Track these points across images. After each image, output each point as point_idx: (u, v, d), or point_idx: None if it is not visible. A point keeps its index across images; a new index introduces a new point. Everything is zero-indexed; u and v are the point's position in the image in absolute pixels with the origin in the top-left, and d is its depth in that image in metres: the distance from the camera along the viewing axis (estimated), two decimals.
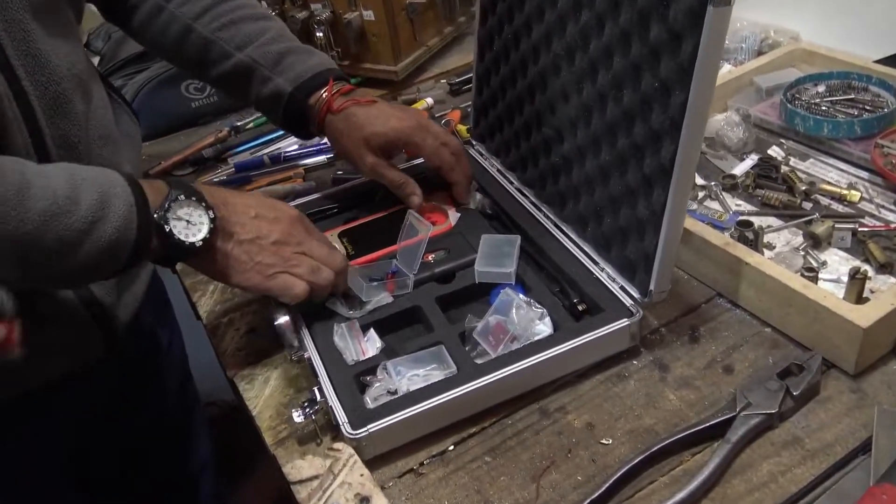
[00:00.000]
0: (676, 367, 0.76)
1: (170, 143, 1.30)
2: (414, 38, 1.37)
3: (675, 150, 0.68)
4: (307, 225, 0.78)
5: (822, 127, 0.97)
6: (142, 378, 1.02)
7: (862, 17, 1.12)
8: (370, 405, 0.71)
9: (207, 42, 0.88)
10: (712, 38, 0.62)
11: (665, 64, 0.68)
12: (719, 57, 0.65)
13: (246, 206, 0.74)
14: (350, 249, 0.89)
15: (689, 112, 0.66)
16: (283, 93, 0.88)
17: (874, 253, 0.81)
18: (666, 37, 0.67)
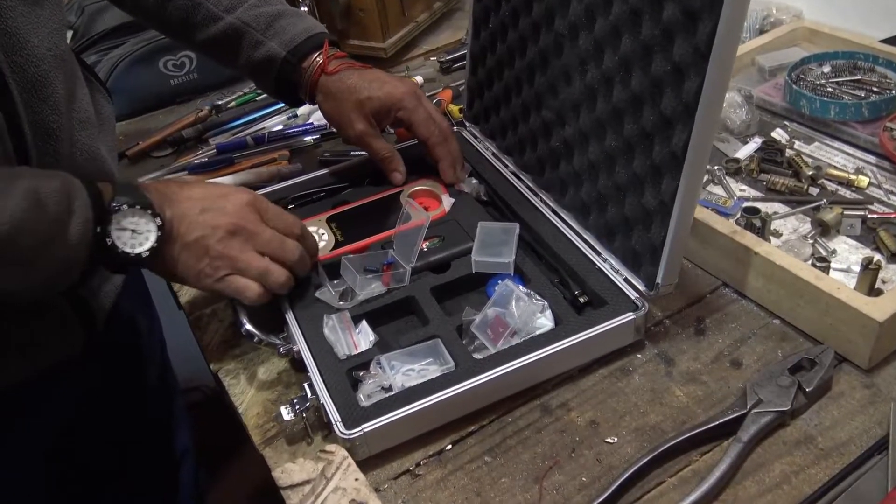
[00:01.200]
0: (682, 361, 0.73)
1: (147, 122, 1.25)
2: (402, 14, 1.31)
3: (688, 138, 0.65)
4: (262, 208, 0.73)
5: (829, 109, 0.94)
6: (123, 368, 0.98)
7: None
8: (364, 402, 0.67)
9: (193, 4, 0.85)
10: (732, 20, 0.59)
11: (679, 46, 0.64)
12: (738, 41, 0.61)
13: (192, 201, 0.69)
14: (339, 236, 0.85)
15: (704, 98, 0.63)
16: (276, 57, 0.86)
17: (885, 241, 0.78)
18: (681, 17, 0.63)
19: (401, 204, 0.87)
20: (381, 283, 0.79)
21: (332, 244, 0.84)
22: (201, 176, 1.06)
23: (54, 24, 0.68)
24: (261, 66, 0.87)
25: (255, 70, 0.89)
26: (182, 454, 1.15)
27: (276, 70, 0.87)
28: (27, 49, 0.63)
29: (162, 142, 1.16)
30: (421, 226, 0.83)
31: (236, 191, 0.73)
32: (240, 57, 0.88)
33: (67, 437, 0.89)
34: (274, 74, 0.87)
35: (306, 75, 0.87)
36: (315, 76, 0.87)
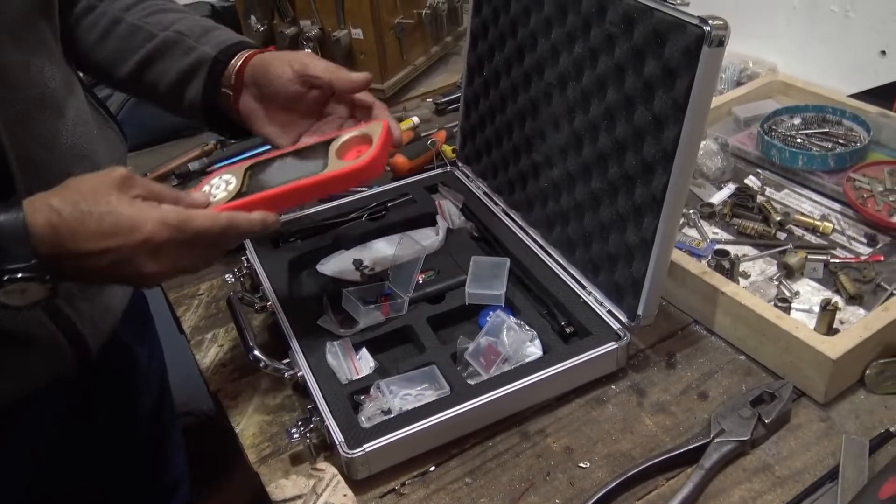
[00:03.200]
0: (653, 393, 0.78)
1: (155, 154, 1.30)
2: (401, 57, 1.38)
3: (667, 181, 0.71)
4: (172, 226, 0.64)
5: (797, 159, 1.00)
6: (115, 396, 0.99)
7: (838, 52, 1.16)
8: (365, 424, 0.72)
9: (134, 28, 0.84)
10: (706, 76, 0.65)
11: (659, 98, 0.70)
12: (712, 94, 0.68)
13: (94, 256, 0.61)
14: (244, 186, 0.73)
15: (682, 145, 0.69)
16: (206, 57, 0.82)
17: (845, 285, 0.84)
18: (660, 73, 0.70)
19: (325, 153, 0.74)
20: (380, 312, 0.84)
21: (233, 195, 0.72)
22: None
23: (44, 61, 0.71)
24: (191, 70, 0.83)
25: (184, 77, 0.83)
26: (175, 483, 1.16)
27: (205, 71, 0.82)
28: (13, 85, 0.66)
29: (169, 173, 1.22)
30: (418, 259, 0.89)
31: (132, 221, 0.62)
32: (170, 69, 0.83)
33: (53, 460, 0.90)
34: (203, 76, 0.82)
35: (235, 65, 0.81)
36: (246, 60, 0.82)
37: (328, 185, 0.72)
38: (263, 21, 1.37)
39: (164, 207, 0.63)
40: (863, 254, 0.90)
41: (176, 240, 0.62)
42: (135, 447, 1.07)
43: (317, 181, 0.71)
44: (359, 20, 1.29)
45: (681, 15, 0.65)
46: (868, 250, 0.90)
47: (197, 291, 0.98)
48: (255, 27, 1.38)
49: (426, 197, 1.03)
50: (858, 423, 0.72)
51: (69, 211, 0.59)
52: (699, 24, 0.63)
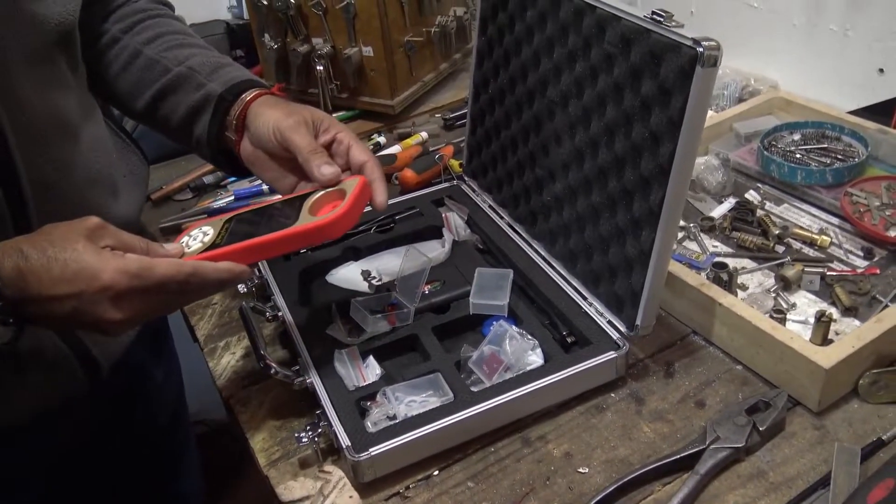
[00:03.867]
0: (652, 401, 0.80)
1: (171, 168, 1.34)
2: (410, 74, 1.42)
3: (664, 196, 0.73)
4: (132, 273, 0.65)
5: (796, 174, 1.03)
6: (129, 414, 1.01)
7: (837, 70, 1.18)
8: (371, 429, 0.74)
9: (152, 62, 0.87)
10: (700, 95, 0.68)
11: (655, 116, 0.73)
12: (706, 112, 0.71)
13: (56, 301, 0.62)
14: (219, 238, 0.74)
15: (677, 161, 0.71)
16: (213, 94, 0.84)
17: (840, 297, 0.86)
18: (657, 91, 0.72)
19: (299, 207, 0.75)
20: (387, 322, 0.86)
21: (206, 247, 0.72)
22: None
23: (62, 90, 0.75)
24: (199, 106, 0.85)
25: (193, 112, 0.85)
26: (188, 498, 1.18)
27: (211, 107, 0.84)
28: (30, 110, 0.69)
29: (184, 187, 1.26)
30: (424, 270, 0.91)
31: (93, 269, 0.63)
32: (181, 103, 0.85)
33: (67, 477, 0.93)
34: (209, 112, 0.84)
35: (238, 108, 0.83)
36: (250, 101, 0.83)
37: (294, 240, 0.72)
38: (277, 39, 1.41)
39: (128, 256, 0.64)
40: (859, 267, 0.92)
41: (137, 287, 0.63)
42: (149, 464, 1.08)
43: (283, 236, 0.71)
44: (369, 38, 1.33)
45: (675, 36, 0.68)
46: (865, 263, 0.92)
47: (211, 301, 1.02)
48: (268, 45, 1.42)
49: (433, 210, 1.06)
50: (852, 432, 0.74)
51: (37, 256, 0.61)
52: (693, 45, 0.66)
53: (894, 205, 0.96)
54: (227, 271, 0.69)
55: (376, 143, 1.32)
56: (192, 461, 1.20)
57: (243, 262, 0.71)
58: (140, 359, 0.99)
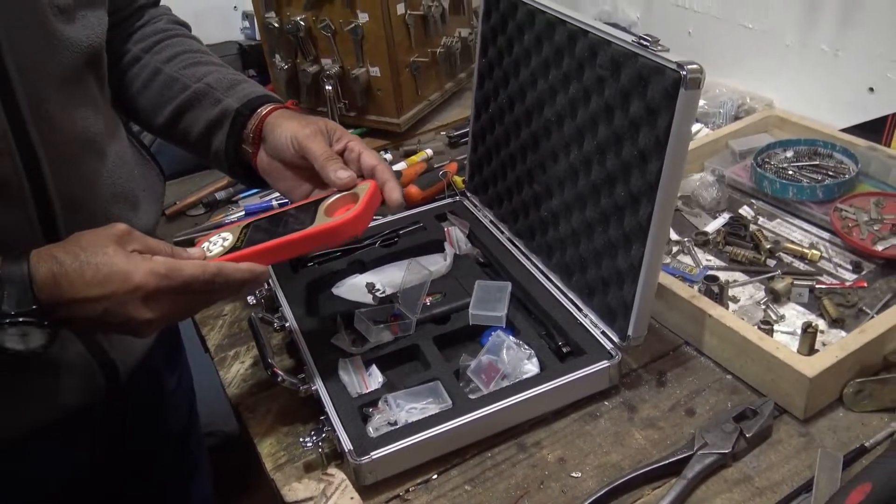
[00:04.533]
0: (644, 409, 0.83)
1: (185, 184, 1.38)
2: (416, 93, 1.46)
3: (652, 211, 0.77)
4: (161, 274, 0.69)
5: (788, 190, 1.06)
6: (144, 417, 1.04)
7: (829, 89, 1.21)
8: (372, 434, 0.78)
9: (171, 80, 0.91)
10: (684, 115, 0.71)
11: (643, 135, 0.77)
12: (690, 131, 0.74)
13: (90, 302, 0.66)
14: (239, 242, 0.78)
15: (664, 178, 0.75)
16: (230, 109, 0.88)
17: (828, 309, 0.89)
18: (644, 112, 0.76)
19: (314, 210, 0.80)
20: (389, 332, 0.90)
21: (228, 249, 0.77)
22: None
23: (90, 110, 0.79)
24: (217, 121, 0.89)
25: (211, 127, 0.89)
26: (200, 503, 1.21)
27: (228, 122, 0.88)
28: (61, 132, 0.73)
29: (197, 202, 1.30)
30: (425, 282, 0.95)
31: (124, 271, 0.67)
32: (199, 118, 0.90)
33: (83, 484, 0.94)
34: (227, 127, 0.88)
35: (254, 122, 0.87)
36: (265, 116, 0.87)
37: (311, 240, 0.76)
38: (287, 59, 1.46)
39: (155, 259, 0.68)
40: (848, 280, 0.94)
41: (166, 287, 0.67)
42: (162, 473, 1.11)
43: (300, 236, 0.76)
44: (376, 59, 1.37)
45: (661, 60, 0.71)
46: (853, 277, 0.95)
47: (221, 312, 1.05)
48: (279, 65, 1.47)
49: (436, 225, 1.10)
50: (836, 439, 0.77)
51: (70, 261, 0.65)
52: (677, 68, 0.69)
53: (882, 220, 0.99)
54: (248, 271, 0.73)
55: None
56: (203, 470, 1.22)
57: (263, 263, 0.75)
58: (155, 366, 1.02)
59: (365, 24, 1.34)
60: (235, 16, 1.87)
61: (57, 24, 0.72)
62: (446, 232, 1.08)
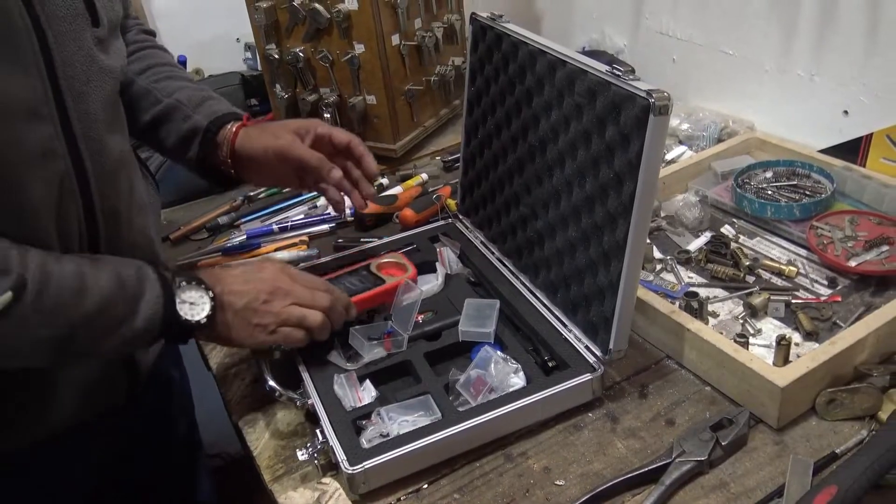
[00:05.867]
0: (626, 420, 0.86)
1: (189, 210, 1.43)
2: (412, 119, 1.51)
3: (627, 230, 0.81)
4: (291, 273, 0.91)
5: (766, 209, 1.10)
6: (156, 420, 1.10)
7: (806, 112, 1.25)
8: (365, 445, 0.81)
9: (144, 91, 1.02)
10: (654, 139, 0.76)
11: (618, 159, 0.81)
12: (661, 155, 0.79)
13: (235, 277, 0.86)
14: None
15: (638, 199, 0.79)
16: (199, 126, 1.00)
17: (803, 322, 0.92)
18: (618, 137, 0.81)
19: (371, 272, 1.02)
20: (382, 348, 0.94)
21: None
22: (230, 258, 1.23)
23: (121, 131, 0.86)
24: (187, 137, 1.01)
25: (184, 140, 1.02)
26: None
27: (199, 138, 1.00)
28: (105, 153, 0.80)
29: (200, 227, 1.35)
30: (416, 300, 0.99)
31: (268, 262, 0.91)
32: (172, 131, 1.02)
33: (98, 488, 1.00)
34: (198, 141, 1.01)
35: (225, 135, 1.00)
36: (235, 133, 1.00)
37: (386, 293, 0.99)
38: (287, 89, 1.52)
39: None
40: (823, 295, 0.98)
41: (287, 274, 0.87)
42: (168, 472, 1.16)
43: (382, 290, 0.99)
44: (373, 87, 1.43)
45: (631, 88, 0.76)
46: (829, 292, 0.99)
47: None
48: (280, 94, 1.52)
49: (429, 246, 1.14)
50: (809, 447, 0.80)
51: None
52: (646, 96, 0.74)
53: (856, 237, 1.02)
54: (348, 299, 0.94)
55: (379, 185, 1.40)
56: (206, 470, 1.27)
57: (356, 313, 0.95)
58: (166, 368, 1.09)
59: (361, 54, 1.39)
60: (238, 47, 1.94)
61: (98, 53, 0.79)
62: (439, 253, 1.12)
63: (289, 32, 1.45)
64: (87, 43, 0.77)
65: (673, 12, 1.44)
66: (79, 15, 0.76)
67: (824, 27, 1.18)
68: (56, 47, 0.73)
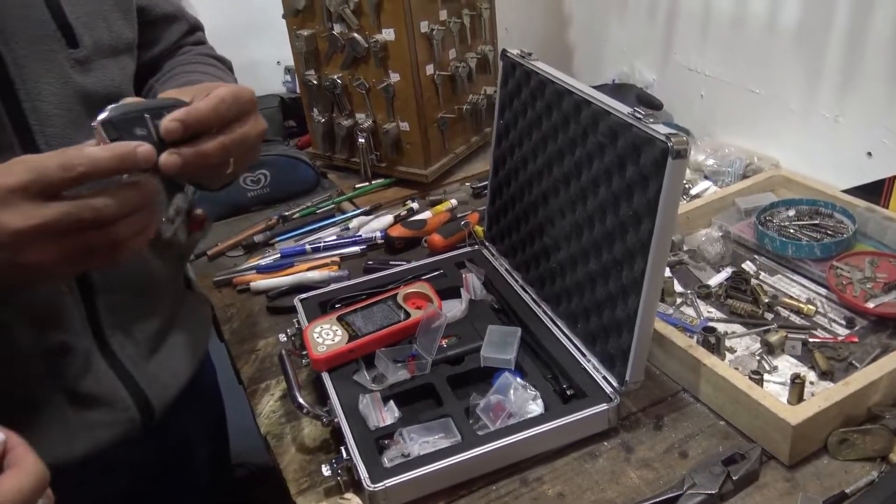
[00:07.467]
0: (640, 450, 0.89)
1: (226, 227, 1.49)
2: (443, 146, 1.56)
3: (645, 267, 0.84)
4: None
5: (788, 248, 1.12)
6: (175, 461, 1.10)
7: (830, 152, 1.27)
8: (387, 464, 0.85)
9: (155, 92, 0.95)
10: (672, 182, 0.79)
11: (637, 198, 0.84)
12: (678, 197, 0.81)
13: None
14: (351, 331, 1.01)
15: (655, 237, 0.82)
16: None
17: (819, 361, 0.94)
18: (637, 177, 0.84)
19: (398, 303, 1.06)
20: (407, 371, 0.98)
21: (346, 339, 0.99)
22: (265, 275, 1.28)
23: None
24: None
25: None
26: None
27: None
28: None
29: (237, 245, 1.40)
30: (440, 325, 1.03)
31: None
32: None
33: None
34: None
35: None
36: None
37: (412, 327, 1.01)
38: (324, 113, 1.57)
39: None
40: (840, 335, 1.00)
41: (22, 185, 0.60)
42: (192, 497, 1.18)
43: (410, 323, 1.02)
44: (406, 115, 1.48)
45: (651, 132, 0.79)
46: (846, 332, 1.00)
47: (255, 347, 1.14)
48: (317, 118, 1.58)
49: (455, 272, 1.18)
50: (819, 485, 0.82)
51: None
52: (665, 139, 0.77)
53: (875, 278, 1.04)
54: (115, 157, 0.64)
55: (410, 209, 1.45)
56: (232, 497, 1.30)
57: (374, 349, 0.98)
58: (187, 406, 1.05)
59: (396, 83, 1.44)
60: (278, 70, 2.01)
61: (75, 75, 0.78)
62: (464, 278, 1.16)
63: (328, 60, 1.50)
64: (59, 65, 0.77)
65: (701, 50, 1.47)
66: (48, 35, 0.75)
67: (849, 71, 1.20)
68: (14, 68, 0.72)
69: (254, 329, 1.19)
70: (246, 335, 1.17)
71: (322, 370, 0.98)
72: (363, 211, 1.47)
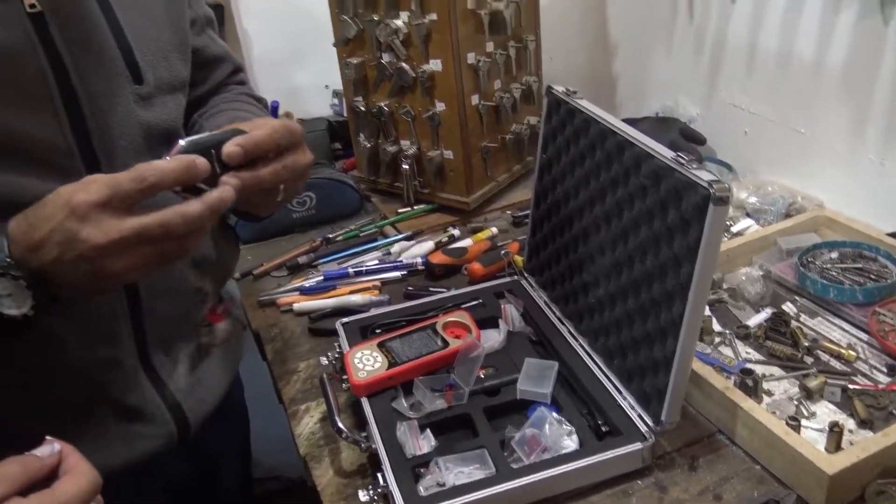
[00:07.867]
0: (674, 491, 0.89)
1: (271, 247, 1.53)
2: (486, 174, 1.58)
3: (684, 310, 0.85)
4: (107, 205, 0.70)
5: (829, 291, 1.11)
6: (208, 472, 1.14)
7: (875, 195, 1.26)
8: (422, 493, 0.87)
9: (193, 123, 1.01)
10: (713, 228, 0.80)
11: (678, 241, 0.85)
12: (719, 242, 0.82)
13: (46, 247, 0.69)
14: (391, 358, 1.03)
15: (695, 281, 0.83)
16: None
17: (858, 410, 0.93)
18: (679, 221, 0.85)
19: (437, 331, 1.07)
20: (444, 400, 1.00)
21: (385, 365, 1.02)
22: (308, 297, 1.32)
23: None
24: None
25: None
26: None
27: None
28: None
29: (281, 265, 1.44)
30: (478, 356, 1.05)
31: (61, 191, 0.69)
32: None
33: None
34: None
35: None
36: None
37: (451, 356, 1.03)
38: (370, 139, 1.61)
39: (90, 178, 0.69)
40: (881, 382, 0.99)
41: (102, 200, 0.66)
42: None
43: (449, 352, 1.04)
44: (450, 143, 1.51)
45: (693, 177, 0.81)
46: (888, 380, 0.99)
47: (296, 368, 1.18)
48: (363, 143, 1.62)
49: (494, 302, 1.20)
50: None
51: (31, 209, 0.69)
52: (707, 186, 0.78)
53: None
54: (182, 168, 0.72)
55: (451, 236, 1.47)
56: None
57: (413, 377, 1.00)
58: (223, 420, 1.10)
59: (441, 112, 1.47)
60: (326, 93, 2.06)
61: (138, 109, 0.85)
62: (502, 309, 1.17)
63: (375, 87, 1.54)
64: (125, 99, 0.83)
65: (746, 87, 1.48)
66: (118, 73, 0.82)
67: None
68: (86, 101, 0.78)
69: (295, 350, 1.22)
70: (288, 356, 1.20)
71: (362, 395, 1.01)
72: (405, 236, 1.49)
